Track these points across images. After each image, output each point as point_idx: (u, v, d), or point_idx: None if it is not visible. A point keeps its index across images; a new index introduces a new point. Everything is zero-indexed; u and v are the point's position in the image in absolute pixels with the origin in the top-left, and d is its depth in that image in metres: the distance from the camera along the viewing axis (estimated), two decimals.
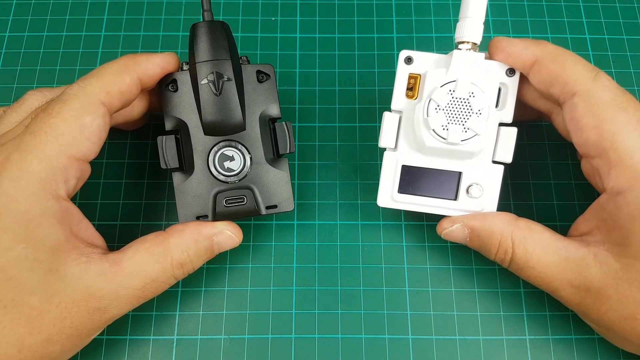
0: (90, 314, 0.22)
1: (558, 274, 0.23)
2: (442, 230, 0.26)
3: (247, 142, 0.26)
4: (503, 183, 0.26)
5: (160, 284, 0.24)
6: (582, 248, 0.23)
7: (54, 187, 0.22)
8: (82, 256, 0.22)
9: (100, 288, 0.22)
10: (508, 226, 0.24)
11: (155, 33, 0.34)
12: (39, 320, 0.21)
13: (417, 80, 0.26)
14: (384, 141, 0.26)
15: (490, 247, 0.25)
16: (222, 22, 0.26)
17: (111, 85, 0.23)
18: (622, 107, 0.22)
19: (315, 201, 0.30)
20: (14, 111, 0.25)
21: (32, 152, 0.21)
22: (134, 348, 0.27)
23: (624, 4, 0.35)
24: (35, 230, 0.21)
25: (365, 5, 0.35)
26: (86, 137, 0.22)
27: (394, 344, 0.27)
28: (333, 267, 0.29)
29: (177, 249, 0.24)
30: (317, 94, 0.33)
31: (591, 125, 0.22)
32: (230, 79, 0.25)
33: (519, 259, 0.24)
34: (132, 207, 0.30)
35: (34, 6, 0.35)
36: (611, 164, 0.22)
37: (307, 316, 0.28)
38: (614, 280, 0.22)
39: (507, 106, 0.25)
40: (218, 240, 0.25)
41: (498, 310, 0.28)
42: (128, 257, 0.23)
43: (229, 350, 0.27)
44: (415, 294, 0.28)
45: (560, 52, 0.24)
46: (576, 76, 0.23)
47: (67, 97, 0.23)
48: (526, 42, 0.24)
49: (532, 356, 0.27)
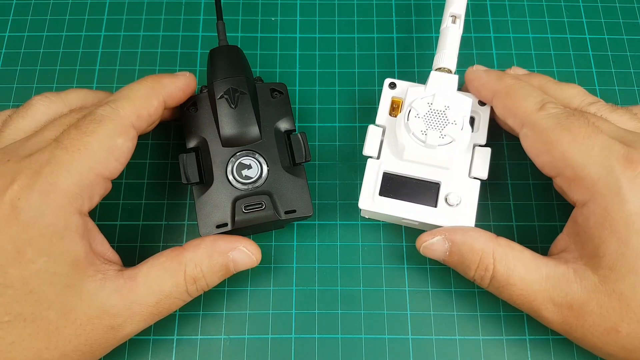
0: (104, 332, 0.22)
1: (540, 291, 0.23)
2: (421, 244, 0.26)
3: (263, 151, 0.26)
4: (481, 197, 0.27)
5: (174, 300, 0.24)
6: (561, 265, 0.23)
7: (79, 203, 0.22)
8: (99, 273, 0.22)
9: (114, 305, 0.22)
10: (489, 242, 0.24)
11: (155, 33, 0.34)
12: (56, 336, 0.21)
13: (399, 104, 0.28)
14: (367, 150, 0.27)
15: (470, 263, 0.24)
16: (236, 46, 0.28)
17: (142, 109, 0.24)
18: (564, 128, 0.23)
19: (315, 201, 0.30)
20: (21, 117, 0.25)
21: (64, 167, 0.22)
22: (134, 348, 0.27)
23: (624, 4, 0.35)
24: (57, 244, 0.21)
25: (365, 5, 0.35)
26: (116, 157, 0.23)
27: (394, 344, 0.27)
28: (333, 267, 0.29)
29: (191, 264, 0.24)
30: (317, 94, 0.33)
31: (542, 151, 0.24)
32: (245, 93, 0.26)
33: (500, 276, 0.24)
34: (132, 206, 0.30)
35: (34, 6, 0.35)
36: (569, 180, 0.23)
37: (307, 316, 0.28)
38: (594, 293, 0.22)
39: (480, 130, 0.27)
40: (234, 257, 0.25)
41: (498, 310, 0.28)
42: (143, 272, 0.23)
43: (229, 350, 0.27)
44: (415, 294, 0.28)
45: (514, 87, 0.26)
46: (523, 109, 0.25)
47: (100, 118, 0.23)
48: (489, 76, 0.27)
49: (532, 356, 0.27)
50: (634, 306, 0.21)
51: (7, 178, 0.21)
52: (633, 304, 0.21)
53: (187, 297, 0.24)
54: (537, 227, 0.29)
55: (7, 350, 0.20)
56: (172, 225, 0.30)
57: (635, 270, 0.21)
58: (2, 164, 0.22)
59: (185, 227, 0.30)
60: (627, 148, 0.22)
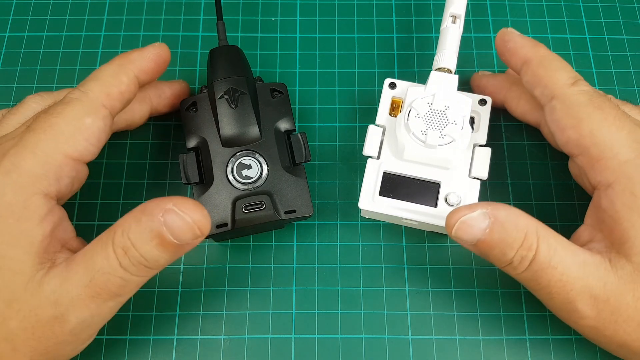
0: (49, 324, 0.20)
1: (580, 278, 0.21)
2: (457, 219, 0.22)
3: (263, 151, 0.26)
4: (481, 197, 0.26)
5: (107, 276, 0.20)
6: (596, 254, 0.22)
7: (44, 184, 0.21)
8: (49, 261, 0.21)
9: (54, 290, 0.20)
10: (532, 221, 0.22)
11: (155, 33, 0.34)
12: (4, 327, 0.20)
13: (399, 104, 0.28)
14: (367, 150, 0.27)
15: (513, 241, 0.21)
16: (236, 46, 0.28)
17: (111, 87, 0.24)
18: (597, 106, 0.23)
19: (315, 201, 0.30)
20: (13, 114, 0.25)
21: (28, 148, 0.21)
22: (134, 348, 0.27)
23: (624, 4, 0.35)
24: (13, 225, 0.20)
25: (365, 5, 0.35)
26: (85, 137, 0.23)
27: (394, 344, 0.27)
28: (333, 267, 0.29)
29: (118, 230, 0.21)
30: (317, 94, 0.33)
31: (570, 125, 0.23)
32: (245, 93, 0.26)
33: (542, 257, 0.21)
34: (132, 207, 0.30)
35: (34, 6, 0.35)
36: (594, 159, 0.23)
37: (307, 316, 0.28)
38: (630, 284, 0.21)
39: (480, 130, 0.27)
40: (166, 221, 0.20)
41: (498, 310, 0.28)
42: (82, 251, 0.21)
43: (229, 350, 0.27)
44: (415, 294, 0.28)
45: (549, 58, 0.25)
46: (555, 81, 0.24)
47: (69, 100, 0.23)
48: (524, 41, 0.26)
49: (532, 356, 0.27)
50: None
51: None
52: None
53: (123, 272, 0.20)
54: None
55: None
56: None
57: None
58: None
59: None
60: None
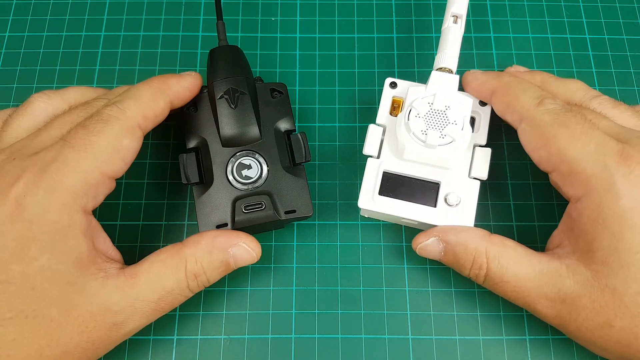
0: (107, 329, 0.22)
1: (533, 287, 0.23)
2: (417, 245, 0.26)
3: (263, 151, 0.26)
4: (481, 197, 0.27)
5: (175, 296, 0.24)
6: (554, 260, 0.24)
7: (84, 201, 0.22)
8: (101, 271, 0.22)
9: (117, 302, 0.22)
10: (482, 241, 0.24)
11: (155, 33, 0.34)
12: (58, 333, 0.21)
13: (400, 104, 0.28)
14: (367, 149, 0.27)
15: (464, 262, 0.25)
16: (236, 46, 0.28)
17: (148, 110, 0.24)
18: (561, 124, 0.23)
19: (315, 201, 0.30)
20: (21, 115, 0.25)
21: (70, 165, 0.22)
22: (134, 348, 0.27)
23: (624, 4, 0.35)
24: (60, 241, 0.21)
25: (365, 5, 0.35)
26: (121, 157, 0.23)
27: (394, 344, 0.27)
28: (333, 267, 0.29)
29: (191, 260, 0.24)
30: (317, 94, 0.33)
31: (539, 146, 0.24)
32: (245, 93, 0.26)
33: (493, 274, 0.24)
34: (132, 207, 0.30)
35: (34, 6, 0.35)
36: (564, 175, 0.24)
37: (307, 316, 0.28)
38: (587, 288, 0.22)
39: (481, 130, 0.28)
40: (234, 253, 0.25)
41: (498, 310, 0.28)
42: (144, 269, 0.23)
43: (229, 350, 0.27)
44: (415, 294, 0.28)
45: (512, 84, 0.26)
46: (522, 104, 0.25)
47: (107, 118, 0.23)
48: (487, 75, 0.27)
49: (532, 356, 0.27)
50: (627, 301, 0.21)
51: (12, 175, 0.21)
52: (626, 298, 0.21)
53: (189, 292, 0.24)
54: (537, 227, 0.29)
55: (8, 347, 0.20)
56: (172, 225, 0.30)
57: (628, 265, 0.21)
58: (8, 162, 0.22)
59: (185, 227, 0.30)
60: (622, 145, 0.23)
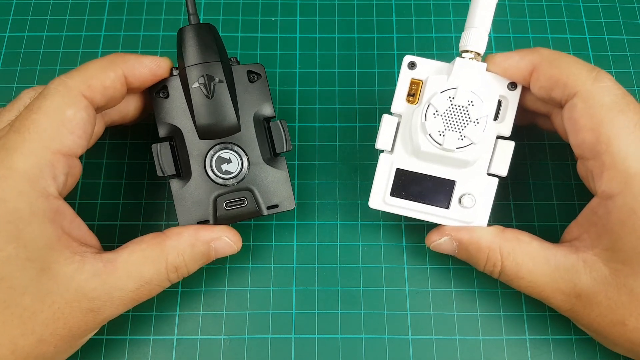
0: (83, 315, 0.22)
1: (548, 283, 0.23)
2: (430, 243, 0.26)
3: (243, 143, 0.25)
4: (497, 194, 0.26)
5: (154, 286, 0.24)
6: (571, 255, 0.23)
7: (42, 185, 0.21)
8: (76, 255, 0.22)
9: (94, 289, 0.22)
10: (495, 239, 0.24)
11: (155, 33, 0.34)
12: (32, 321, 0.21)
13: (419, 86, 0.26)
14: (381, 143, 0.26)
15: (478, 260, 0.25)
16: (209, 24, 0.26)
17: (93, 79, 0.23)
18: (620, 109, 0.22)
19: (315, 201, 0.30)
20: (8, 110, 0.25)
21: (16, 149, 0.21)
22: (134, 348, 0.27)
23: (624, 4, 0.35)
24: (25, 230, 0.21)
25: (365, 5, 0.35)
26: (70, 130, 0.22)
27: (394, 344, 0.27)
28: (333, 267, 0.29)
29: (173, 252, 0.24)
30: (317, 94, 0.33)
31: (588, 127, 0.22)
32: (222, 81, 0.25)
33: (508, 271, 0.24)
34: (132, 207, 0.30)
35: (34, 6, 0.35)
36: (604, 167, 0.22)
37: (307, 316, 0.28)
38: (603, 286, 0.22)
39: (506, 119, 0.25)
40: (216, 246, 0.25)
41: (498, 310, 0.28)
42: (123, 257, 0.23)
43: (229, 350, 0.27)
44: (415, 294, 0.28)
45: (557, 55, 0.24)
46: (575, 77, 0.23)
47: (47, 92, 0.22)
48: (521, 52, 0.24)
49: (532, 356, 0.27)
50: None
51: None
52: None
53: (167, 283, 0.24)
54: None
55: None
56: (172, 225, 0.30)
57: None
58: None
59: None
60: None
